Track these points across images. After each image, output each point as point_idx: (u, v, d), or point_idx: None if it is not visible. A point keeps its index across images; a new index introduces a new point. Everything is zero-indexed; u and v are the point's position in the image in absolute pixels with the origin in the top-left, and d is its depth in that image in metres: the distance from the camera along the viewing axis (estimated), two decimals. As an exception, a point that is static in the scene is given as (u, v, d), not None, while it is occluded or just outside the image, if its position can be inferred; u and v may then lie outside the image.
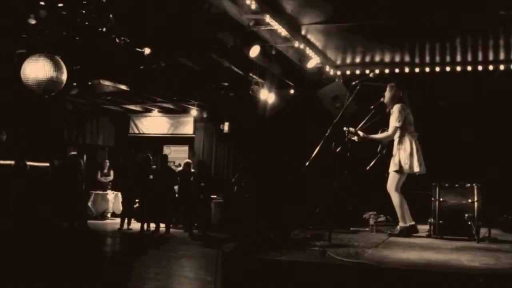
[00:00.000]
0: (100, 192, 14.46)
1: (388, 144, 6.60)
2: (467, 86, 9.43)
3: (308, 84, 10.49)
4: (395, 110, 6.41)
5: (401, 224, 6.42)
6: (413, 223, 6.47)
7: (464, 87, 9.46)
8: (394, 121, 6.39)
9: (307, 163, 5.53)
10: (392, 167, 6.44)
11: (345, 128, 6.19)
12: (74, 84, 9.93)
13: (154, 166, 12.92)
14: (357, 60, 9.77)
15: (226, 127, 14.25)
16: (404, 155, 6.35)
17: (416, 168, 6.29)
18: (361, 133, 6.33)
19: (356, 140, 6.35)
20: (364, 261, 4.23)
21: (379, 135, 6.53)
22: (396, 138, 6.46)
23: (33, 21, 6.57)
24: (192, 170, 12.80)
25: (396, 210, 6.45)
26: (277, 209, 9.75)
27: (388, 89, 6.56)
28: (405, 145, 6.38)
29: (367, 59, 9.62)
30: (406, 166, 6.32)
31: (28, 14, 6.51)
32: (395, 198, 6.42)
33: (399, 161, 6.38)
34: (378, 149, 6.65)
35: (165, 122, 15.77)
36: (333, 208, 6.39)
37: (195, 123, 15.38)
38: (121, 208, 13.90)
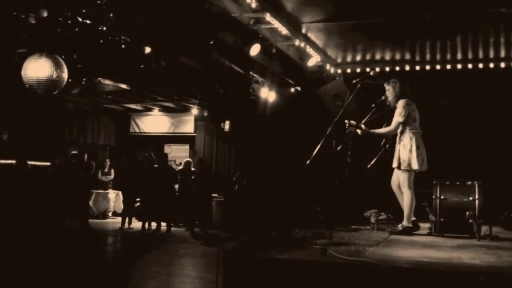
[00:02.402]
0: (101, 191, 14.47)
1: (391, 138, 6.58)
2: (468, 84, 9.43)
3: (309, 82, 10.49)
4: (400, 105, 6.37)
5: (404, 223, 6.39)
6: (414, 218, 6.46)
7: (465, 85, 9.45)
8: (397, 116, 6.35)
9: (308, 162, 5.53)
10: (395, 163, 6.44)
11: (346, 121, 6.15)
12: (73, 82, 9.91)
13: (156, 165, 12.93)
14: (358, 58, 9.76)
15: (227, 125, 14.25)
16: (404, 151, 6.33)
17: (414, 166, 6.26)
18: (363, 127, 6.30)
19: (359, 133, 6.33)
20: (365, 259, 4.23)
21: (381, 130, 6.50)
22: (398, 133, 6.45)
23: (33, 20, 6.57)
24: (193, 169, 12.80)
25: (404, 208, 6.40)
26: (278, 207, 9.75)
27: (391, 85, 6.53)
28: (404, 141, 6.36)
29: (368, 57, 9.62)
30: (404, 163, 6.31)
31: (29, 13, 6.51)
32: (408, 196, 6.35)
33: (399, 157, 6.38)
34: (382, 143, 6.61)
35: (165, 121, 15.77)
36: (334, 206, 6.39)
37: (195, 122, 15.37)
38: (122, 207, 13.90)
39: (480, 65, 9.30)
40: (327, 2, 6.96)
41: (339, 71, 10.17)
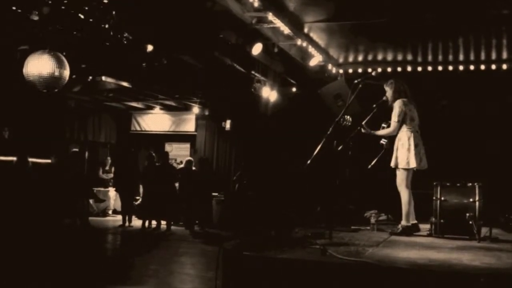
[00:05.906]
0: (102, 189, 14.46)
1: (390, 138, 6.59)
2: (469, 85, 9.42)
3: (311, 82, 10.49)
4: (396, 105, 6.41)
5: (403, 223, 6.40)
6: (415, 222, 6.46)
7: (466, 86, 9.45)
8: (394, 116, 6.39)
9: (308, 161, 5.53)
10: (393, 163, 6.44)
11: (343, 118, 6.06)
12: (75, 80, 9.91)
13: (157, 164, 12.95)
14: (360, 58, 9.75)
15: (228, 124, 14.26)
16: (402, 150, 6.35)
17: (413, 164, 6.26)
18: (365, 126, 6.31)
19: (362, 131, 6.33)
20: (365, 260, 4.23)
21: (382, 132, 6.52)
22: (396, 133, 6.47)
23: (36, 18, 6.58)
24: (194, 168, 12.80)
25: (403, 207, 6.41)
26: (278, 207, 9.76)
27: (388, 86, 6.54)
28: (402, 140, 6.37)
29: (370, 57, 9.61)
30: (403, 162, 6.31)
31: (31, 10, 6.52)
32: (405, 194, 6.38)
33: (397, 157, 6.39)
34: (385, 145, 6.60)
35: (166, 120, 15.78)
36: (334, 207, 6.39)
37: (197, 121, 15.38)
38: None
39: (482, 67, 9.30)
40: (329, 2, 6.96)
41: (341, 71, 10.16)
